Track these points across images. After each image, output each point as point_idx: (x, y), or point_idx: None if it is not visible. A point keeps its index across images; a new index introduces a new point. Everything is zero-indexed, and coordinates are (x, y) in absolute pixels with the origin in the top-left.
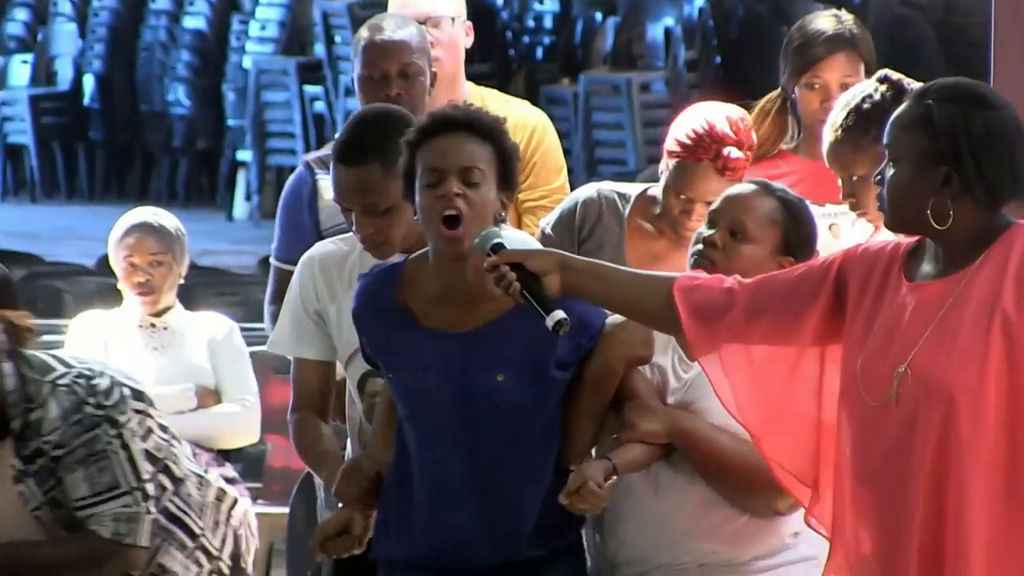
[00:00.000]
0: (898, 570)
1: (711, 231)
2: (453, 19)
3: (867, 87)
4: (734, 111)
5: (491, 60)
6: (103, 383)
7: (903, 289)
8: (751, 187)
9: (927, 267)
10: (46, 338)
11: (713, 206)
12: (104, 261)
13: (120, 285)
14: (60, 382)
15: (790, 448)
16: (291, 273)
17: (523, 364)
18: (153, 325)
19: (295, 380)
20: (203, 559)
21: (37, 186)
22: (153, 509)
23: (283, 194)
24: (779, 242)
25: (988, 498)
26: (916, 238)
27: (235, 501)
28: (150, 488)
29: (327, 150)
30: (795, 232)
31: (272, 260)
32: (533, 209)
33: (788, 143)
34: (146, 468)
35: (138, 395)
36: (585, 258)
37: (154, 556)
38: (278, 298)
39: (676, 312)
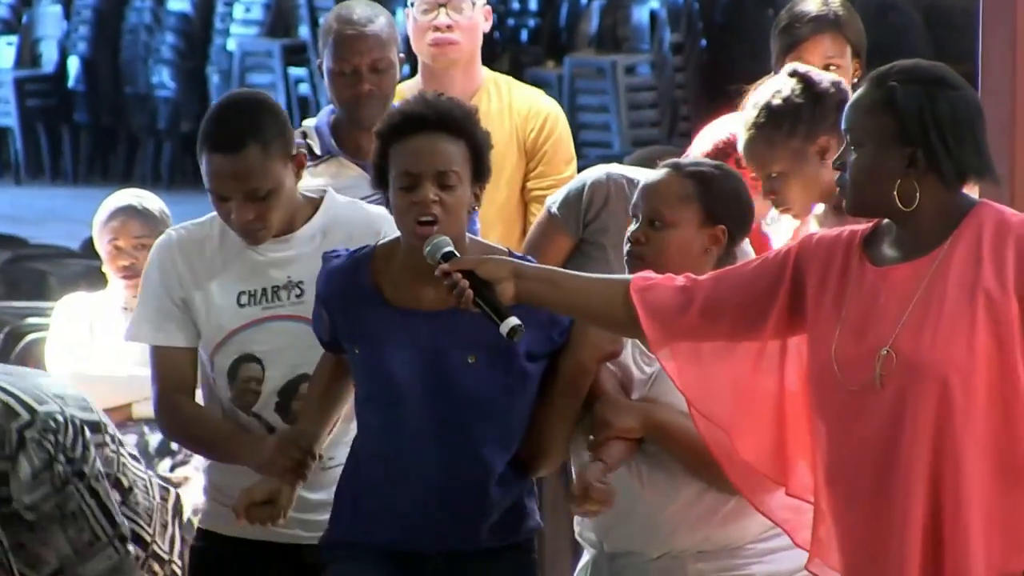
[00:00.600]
0: (894, 548)
1: (634, 228)
2: (474, 3)
3: (777, 83)
4: None
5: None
6: (69, 436)
7: (868, 274)
8: (661, 172)
9: (890, 251)
10: (31, 320)
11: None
12: (89, 243)
13: (105, 268)
14: (28, 434)
15: (757, 441)
16: None
17: (494, 349)
18: None
19: (160, 368)
20: (156, 566)
21: (22, 168)
22: (131, 548)
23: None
24: (701, 216)
25: (982, 475)
26: (870, 224)
27: (177, 496)
28: (124, 527)
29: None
30: (714, 201)
31: None
32: (541, 198)
33: None
34: (115, 503)
35: (94, 426)
36: (538, 265)
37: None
38: None
39: (635, 314)
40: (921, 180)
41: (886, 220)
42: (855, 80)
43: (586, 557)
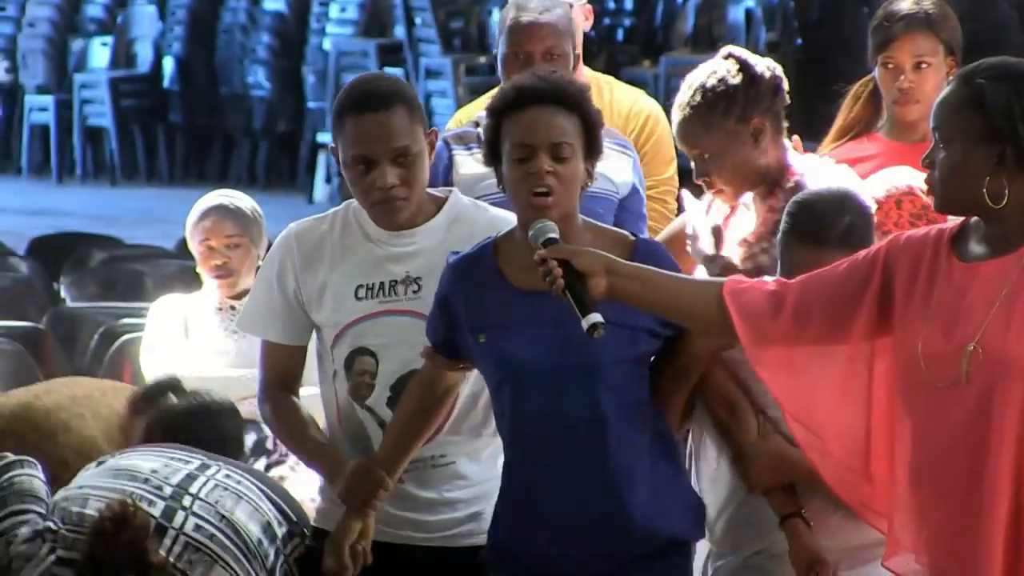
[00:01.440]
0: (981, 545)
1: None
2: (571, 4)
3: (713, 65)
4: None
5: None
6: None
7: (957, 270)
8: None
9: (978, 248)
10: (126, 321)
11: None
12: (184, 244)
13: (198, 268)
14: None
15: (849, 446)
16: None
17: (618, 323)
18: (232, 308)
19: (266, 362)
20: None
21: (117, 169)
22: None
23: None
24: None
25: None
26: (959, 222)
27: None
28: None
29: (465, 127)
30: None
31: None
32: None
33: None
34: None
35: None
36: (633, 263)
37: None
38: None
39: (728, 316)
40: (1010, 177)
41: (975, 218)
42: (950, 78)
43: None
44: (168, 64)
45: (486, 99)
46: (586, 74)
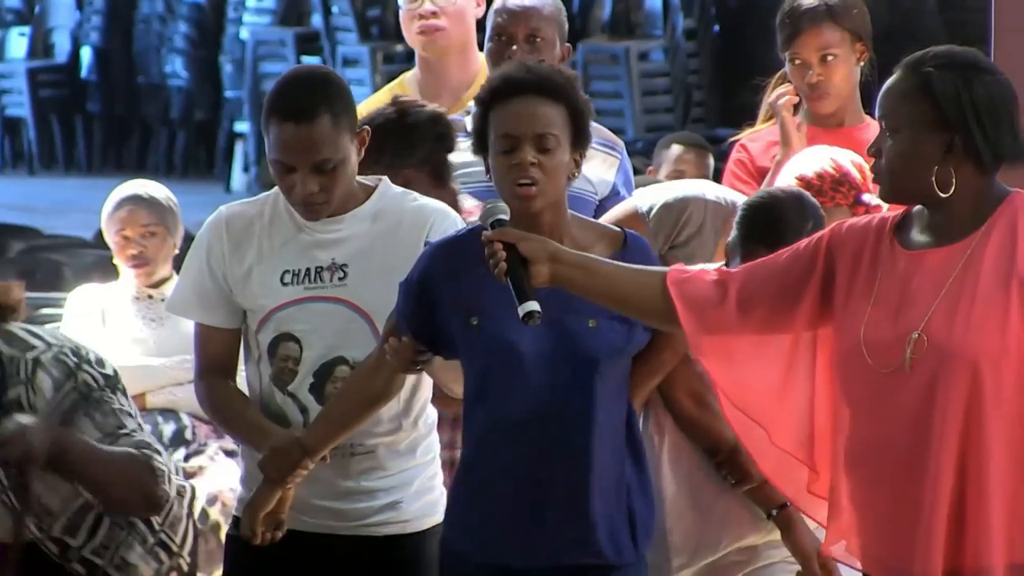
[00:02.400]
0: (921, 532)
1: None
2: None
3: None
4: (855, 156)
5: (480, 31)
6: (93, 354)
7: (901, 258)
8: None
9: (921, 237)
10: (44, 311)
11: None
12: (102, 234)
13: (115, 259)
14: (43, 357)
15: (793, 435)
16: None
17: (610, 314)
18: (150, 296)
19: (199, 346)
20: (163, 555)
21: (35, 159)
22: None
23: None
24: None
25: (1007, 462)
26: (901, 210)
27: (193, 494)
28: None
29: (456, 116)
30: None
31: None
32: None
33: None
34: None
35: (111, 380)
36: (577, 252)
37: (118, 548)
38: None
39: (672, 305)
40: (957, 166)
41: (917, 207)
42: (861, 64)
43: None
44: (86, 54)
45: (393, 86)
46: (482, 61)
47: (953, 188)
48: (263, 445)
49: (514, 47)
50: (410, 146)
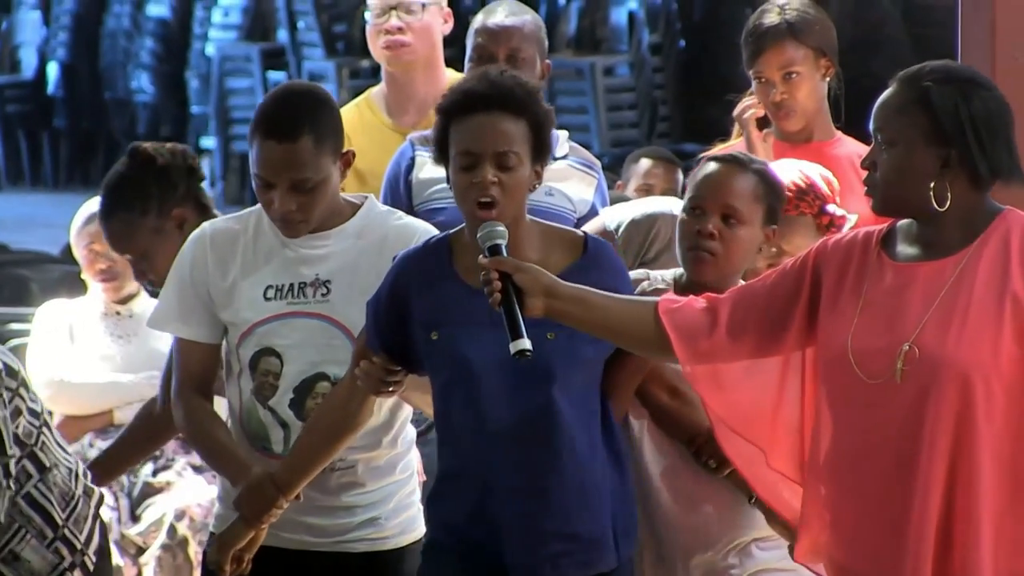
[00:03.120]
0: (910, 545)
1: (701, 221)
2: (424, 5)
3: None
4: (825, 171)
5: (453, 46)
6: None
7: (889, 269)
8: (727, 166)
9: (910, 249)
10: (12, 326)
11: (695, 192)
12: (69, 249)
13: (83, 274)
14: None
15: (788, 456)
16: None
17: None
18: (118, 313)
19: (180, 361)
20: (64, 551)
21: (1, 174)
22: (12, 485)
23: (386, 171)
24: (764, 215)
25: (996, 477)
26: (887, 223)
27: (102, 498)
28: (12, 465)
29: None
30: (776, 201)
31: None
32: None
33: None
34: (11, 445)
35: (12, 372)
36: (572, 284)
37: (7, 542)
38: None
39: (665, 334)
40: (953, 181)
41: (903, 220)
42: (827, 79)
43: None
44: (52, 70)
45: (360, 101)
46: (448, 77)
47: (948, 203)
48: (239, 480)
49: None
50: (172, 186)
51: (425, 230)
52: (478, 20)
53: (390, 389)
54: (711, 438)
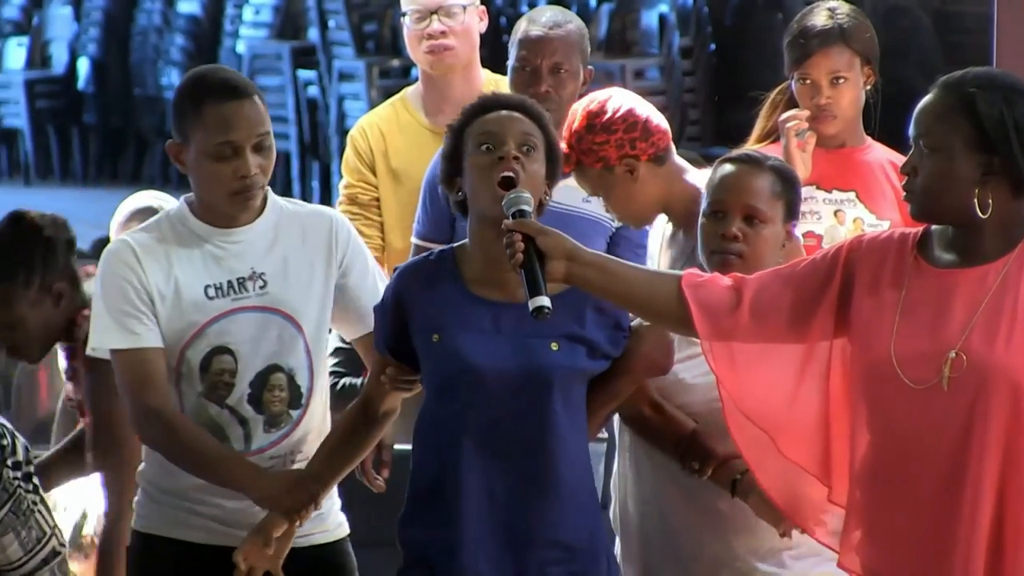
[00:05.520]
0: (959, 555)
1: (724, 224)
2: (465, 7)
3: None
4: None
5: (485, 46)
6: (6, 439)
7: (929, 275)
8: (744, 166)
9: (947, 255)
10: None
11: (714, 195)
12: (99, 245)
13: None
14: None
15: (807, 444)
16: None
17: (574, 337)
18: None
19: (135, 374)
20: None
21: (31, 169)
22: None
23: (426, 173)
24: (785, 211)
25: None
26: (920, 228)
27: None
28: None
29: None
30: (794, 196)
31: (412, 238)
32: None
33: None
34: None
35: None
36: (593, 251)
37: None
38: None
39: (687, 309)
40: (995, 188)
41: (936, 225)
42: (868, 87)
43: None
44: (83, 65)
45: (395, 101)
46: (484, 77)
47: (990, 209)
48: (255, 481)
49: (541, 86)
50: (55, 259)
51: (332, 210)
52: (521, 29)
53: (409, 388)
54: (694, 440)
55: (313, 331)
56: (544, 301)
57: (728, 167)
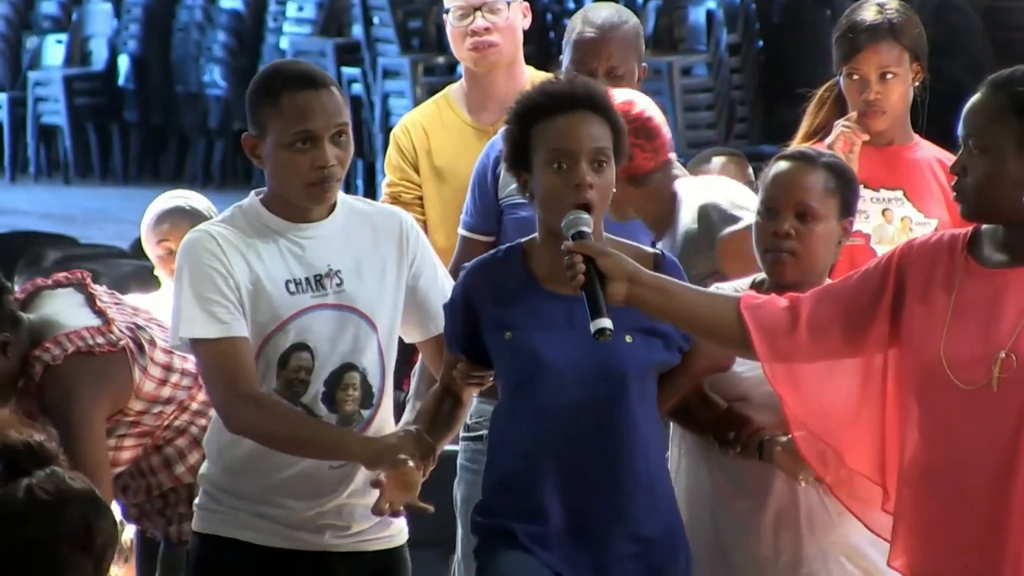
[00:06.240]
0: (1010, 554)
1: (777, 221)
2: (509, 3)
3: None
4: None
5: (531, 43)
6: None
7: (979, 275)
8: (797, 163)
9: (998, 255)
10: None
11: (767, 192)
12: (139, 244)
13: (157, 271)
14: None
15: (868, 458)
16: (479, 243)
17: (650, 330)
18: None
19: (226, 364)
20: None
21: (71, 167)
22: None
23: (475, 165)
24: (840, 208)
25: None
26: (970, 227)
27: None
28: None
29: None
30: (850, 192)
31: (459, 230)
32: None
33: None
34: None
35: None
36: (654, 273)
37: None
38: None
39: (747, 331)
40: None
41: (986, 225)
42: (916, 84)
43: None
44: (123, 62)
45: (439, 98)
46: (528, 74)
47: None
48: (365, 445)
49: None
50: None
51: (403, 211)
52: (576, 30)
53: (480, 383)
54: (729, 413)
55: (386, 331)
56: (606, 323)
57: (781, 164)
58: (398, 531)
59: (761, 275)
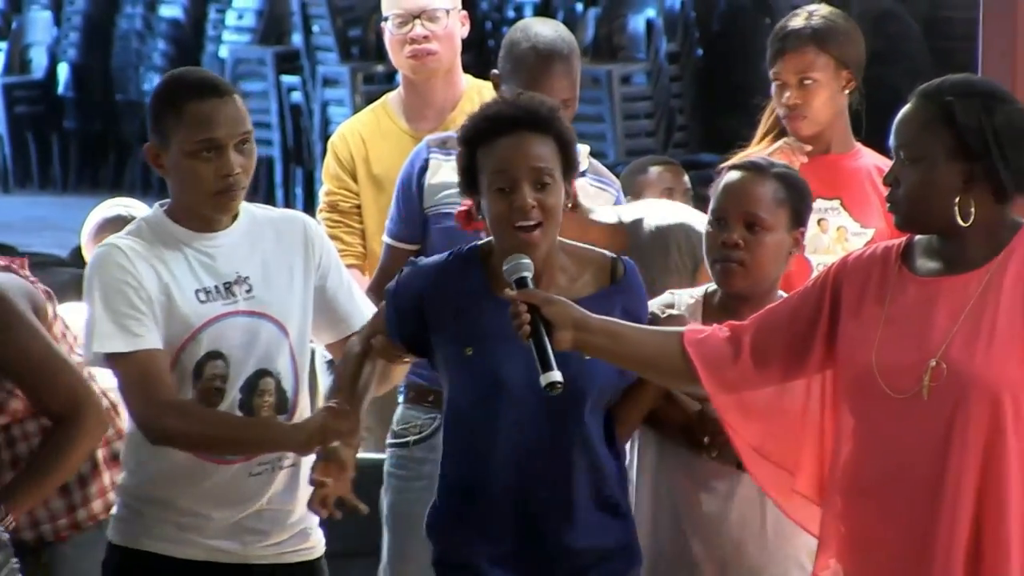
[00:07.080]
0: (938, 564)
1: (725, 231)
2: (448, 11)
3: None
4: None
5: (470, 51)
6: None
7: (912, 284)
8: (747, 173)
9: (931, 264)
10: None
11: (717, 202)
12: (78, 252)
13: None
14: None
15: (812, 477)
16: (404, 252)
17: None
18: None
19: (142, 374)
20: None
21: (10, 176)
22: None
23: (400, 172)
24: (790, 219)
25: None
26: (905, 238)
27: None
28: None
29: (450, 132)
30: (801, 203)
31: (384, 237)
32: None
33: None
34: None
35: None
36: (601, 317)
37: None
38: (387, 277)
39: (692, 366)
40: (977, 195)
41: (919, 235)
42: (847, 92)
43: None
44: (63, 70)
45: (376, 107)
46: (467, 82)
47: (972, 217)
48: (296, 433)
49: None
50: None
51: (304, 215)
52: (519, 55)
53: (404, 360)
54: (701, 417)
55: (297, 335)
56: (556, 376)
57: (732, 174)
58: (317, 542)
59: (712, 285)
